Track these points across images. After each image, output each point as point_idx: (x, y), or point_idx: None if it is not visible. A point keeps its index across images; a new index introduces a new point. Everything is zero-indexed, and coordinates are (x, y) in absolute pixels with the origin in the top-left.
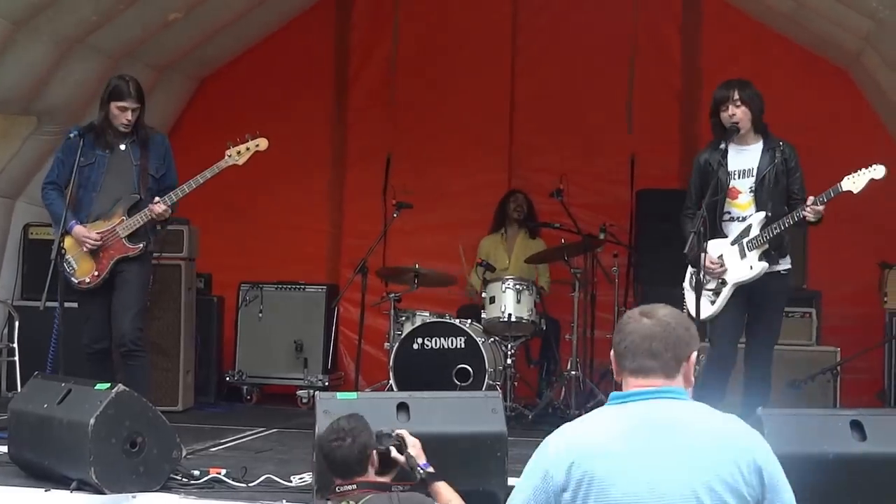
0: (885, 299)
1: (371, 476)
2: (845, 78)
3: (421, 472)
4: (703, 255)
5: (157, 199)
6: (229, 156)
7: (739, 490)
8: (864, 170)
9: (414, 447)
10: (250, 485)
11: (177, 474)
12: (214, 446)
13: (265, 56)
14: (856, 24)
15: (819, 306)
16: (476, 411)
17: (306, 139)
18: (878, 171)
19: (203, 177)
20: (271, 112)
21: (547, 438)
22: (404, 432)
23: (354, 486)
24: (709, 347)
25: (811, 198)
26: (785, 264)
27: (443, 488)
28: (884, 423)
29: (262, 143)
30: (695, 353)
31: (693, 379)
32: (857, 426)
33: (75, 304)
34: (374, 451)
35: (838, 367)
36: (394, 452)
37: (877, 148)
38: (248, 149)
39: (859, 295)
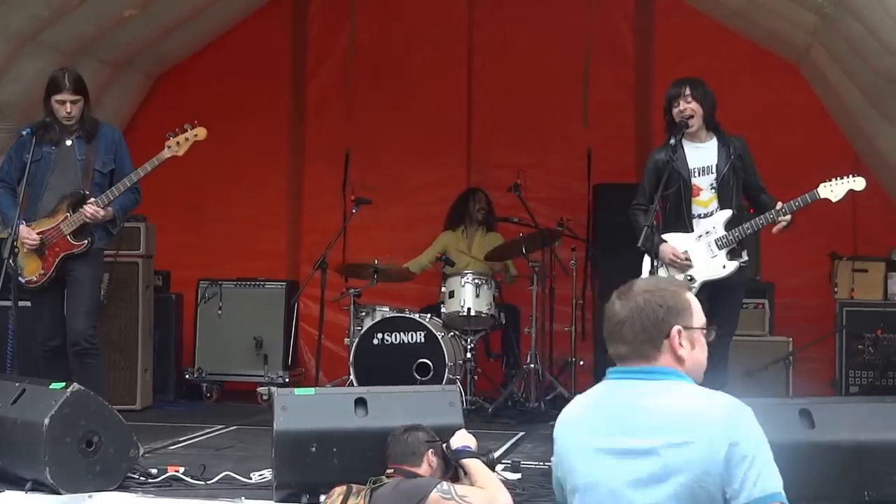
0: (836, 290)
1: (421, 471)
2: (795, 73)
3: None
4: (658, 247)
5: (90, 200)
6: (169, 147)
7: (702, 484)
8: (842, 179)
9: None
10: (209, 482)
11: (134, 473)
12: (173, 444)
13: (222, 52)
14: (804, 20)
15: (772, 297)
16: (434, 405)
17: (264, 135)
18: (858, 183)
19: (143, 170)
20: (228, 108)
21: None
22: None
23: (392, 471)
24: None
25: (781, 204)
26: (744, 257)
27: (473, 466)
28: (832, 411)
29: (201, 133)
30: (676, 328)
31: (682, 355)
32: (805, 415)
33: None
34: (431, 451)
35: (791, 357)
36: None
37: (826, 142)
38: (186, 139)
39: (811, 286)
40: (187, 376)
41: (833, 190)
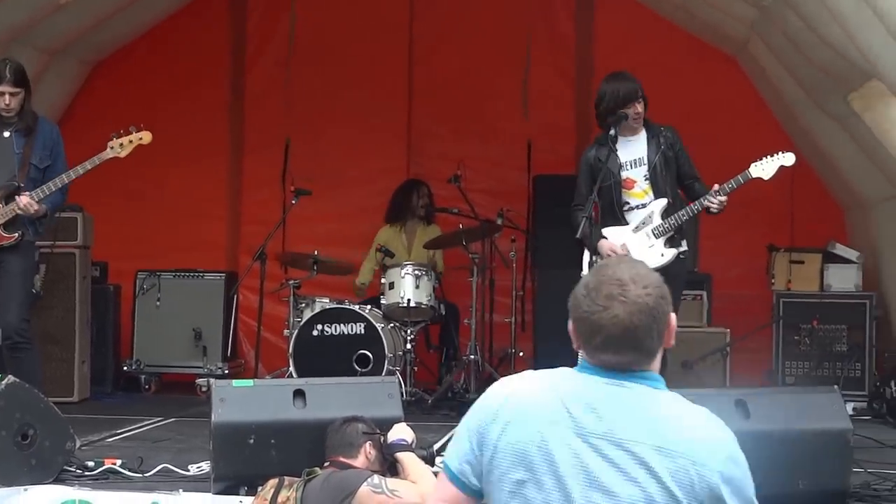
0: (773, 281)
1: (357, 462)
2: (733, 65)
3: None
4: (600, 242)
5: (24, 192)
6: (111, 148)
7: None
8: (772, 157)
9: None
10: (146, 475)
11: (71, 466)
12: (111, 437)
13: (160, 41)
14: (742, 13)
15: (710, 289)
16: (373, 397)
17: (203, 125)
18: (787, 158)
19: (83, 167)
20: (167, 97)
21: (492, 386)
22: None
23: (328, 463)
24: None
25: (717, 186)
26: (683, 247)
27: (407, 459)
28: (767, 401)
29: (146, 137)
30: (673, 315)
31: (672, 340)
32: (741, 405)
33: None
34: (369, 444)
35: (728, 348)
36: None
37: (764, 133)
38: (130, 142)
39: (748, 277)
40: (125, 368)
41: (764, 168)
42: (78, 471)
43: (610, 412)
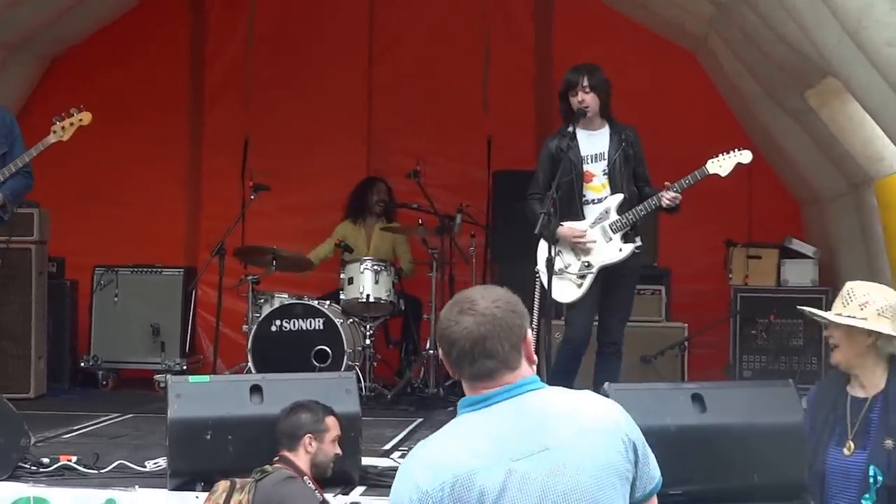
0: (730, 276)
1: (298, 457)
2: (692, 61)
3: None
4: (555, 233)
5: None
6: (54, 132)
7: (624, 473)
8: (729, 154)
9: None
10: (102, 471)
11: (25, 463)
12: (67, 433)
13: (119, 36)
14: (700, 9)
15: (668, 283)
16: (330, 392)
17: (162, 120)
18: (744, 156)
19: (29, 155)
20: (126, 93)
21: (407, 467)
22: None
23: (277, 459)
24: (565, 327)
25: (668, 184)
26: (638, 241)
27: None
28: (723, 395)
29: (86, 118)
30: (529, 330)
31: (535, 356)
32: (697, 399)
33: None
34: (308, 436)
35: (686, 343)
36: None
37: (721, 129)
38: (71, 124)
39: (706, 272)
40: (82, 364)
41: (721, 165)
42: (33, 468)
43: (529, 427)
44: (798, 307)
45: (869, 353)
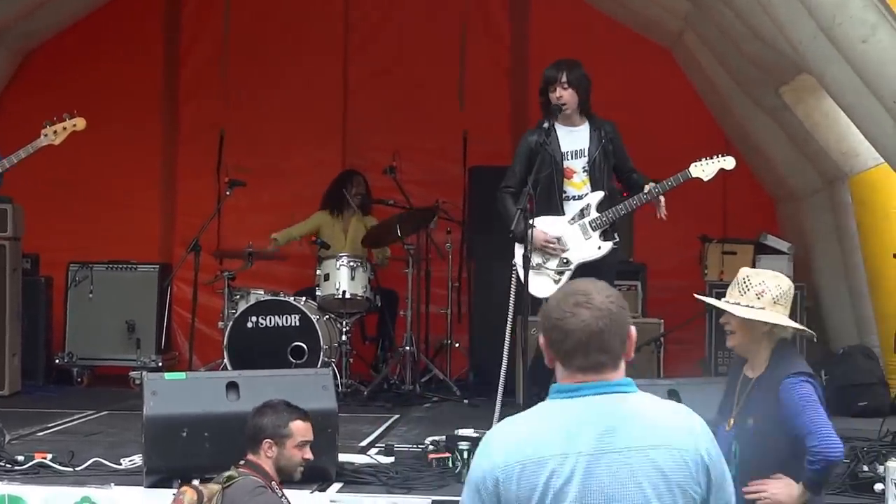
0: (706, 272)
1: (262, 461)
2: (668, 57)
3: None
4: (530, 231)
5: None
6: (45, 135)
7: (688, 491)
8: (712, 159)
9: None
10: (77, 469)
11: (0, 461)
12: (42, 431)
13: (93, 30)
14: (676, 5)
15: (644, 279)
16: (306, 388)
17: (137, 115)
18: (728, 162)
19: (17, 156)
20: (100, 87)
21: (489, 440)
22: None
23: (243, 463)
24: None
25: (652, 185)
26: (616, 238)
27: None
28: (698, 391)
29: (80, 123)
30: (633, 328)
31: (632, 352)
32: (673, 395)
33: None
34: (267, 442)
35: (662, 338)
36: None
37: (697, 125)
38: (64, 128)
39: (682, 268)
40: (57, 361)
41: (704, 169)
42: (7, 466)
43: (609, 427)
44: (695, 295)
45: (763, 338)
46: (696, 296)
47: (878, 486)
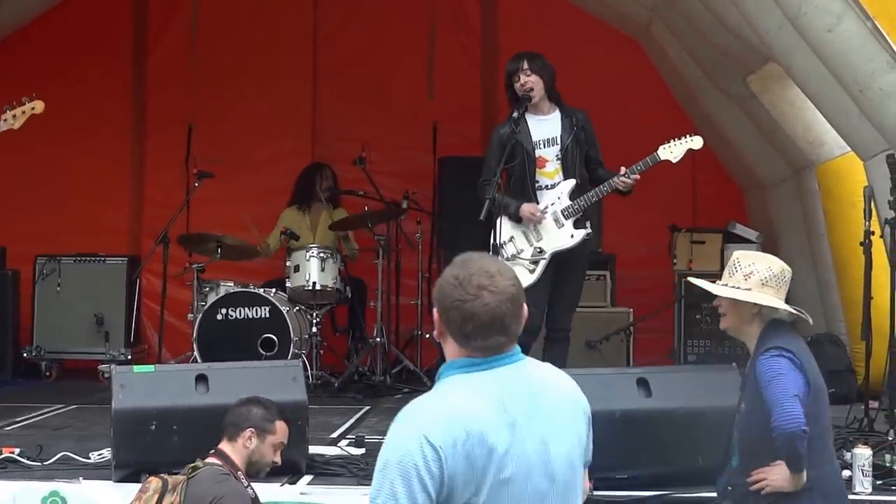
0: (675, 261)
1: (235, 450)
2: (636, 47)
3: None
4: (497, 221)
5: None
6: (5, 120)
7: (585, 443)
8: (680, 140)
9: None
10: (46, 463)
11: None
12: (9, 425)
13: (60, 21)
14: None
15: (613, 269)
16: (276, 380)
17: (104, 107)
18: (695, 142)
19: None
20: (67, 78)
21: (412, 423)
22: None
23: (212, 452)
24: None
25: (623, 168)
26: (588, 228)
27: None
28: (667, 380)
29: (38, 106)
30: (525, 305)
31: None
32: (643, 383)
33: None
34: (251, 430)
35: (631, 328)
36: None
37: (665, 115)
38: (23, 112)
39: (651, 257)
40: (25, 355)
41: (672, 151)
42: None
43: (531, 393)
44: (689, 279)
45: (754, 320)
46: (690, 280)
47: (846, 473)
